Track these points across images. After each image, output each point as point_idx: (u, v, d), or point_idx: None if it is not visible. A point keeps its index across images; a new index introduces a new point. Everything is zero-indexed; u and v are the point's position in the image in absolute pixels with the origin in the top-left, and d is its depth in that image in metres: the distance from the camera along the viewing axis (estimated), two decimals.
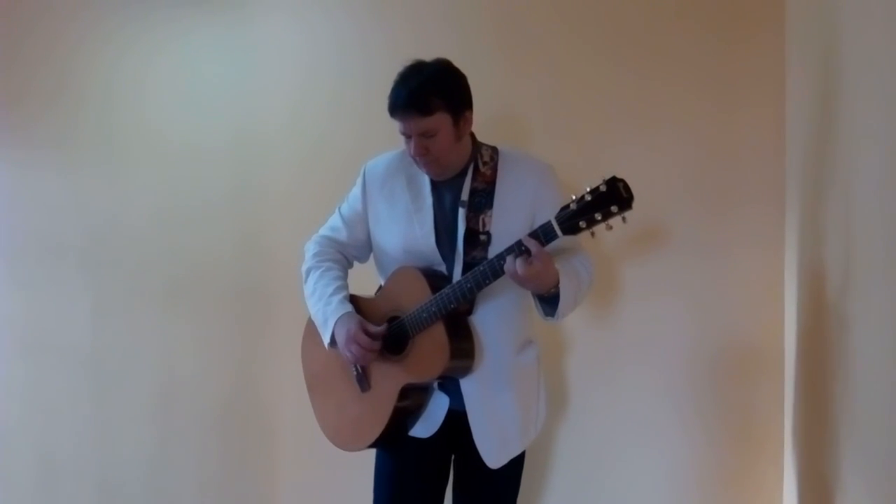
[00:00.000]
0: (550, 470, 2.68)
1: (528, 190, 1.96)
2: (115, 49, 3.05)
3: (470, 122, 2.03)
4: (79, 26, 3.08)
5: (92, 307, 3.05)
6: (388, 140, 2.29)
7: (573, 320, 2.64)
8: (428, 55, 2.15)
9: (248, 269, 2.94)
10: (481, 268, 1.88)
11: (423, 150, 1.95)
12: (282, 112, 2.92)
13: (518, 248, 1.81)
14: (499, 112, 2.24)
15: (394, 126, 2.70)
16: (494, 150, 2.09)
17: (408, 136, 1.97)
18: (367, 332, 1.99)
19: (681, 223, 2.59)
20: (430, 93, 1.93)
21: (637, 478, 2.61)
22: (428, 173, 2.04)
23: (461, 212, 2.01)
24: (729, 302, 2.55)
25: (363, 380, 2.06)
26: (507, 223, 1.93)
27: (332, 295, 2.07)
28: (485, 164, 2.05)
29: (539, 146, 2.48)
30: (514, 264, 1.80)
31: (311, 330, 2.17)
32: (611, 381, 2.63)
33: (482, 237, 1.99)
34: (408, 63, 2.01)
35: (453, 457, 2.15)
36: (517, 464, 2.13)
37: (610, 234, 2.55)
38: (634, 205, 1.75)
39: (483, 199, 2.01)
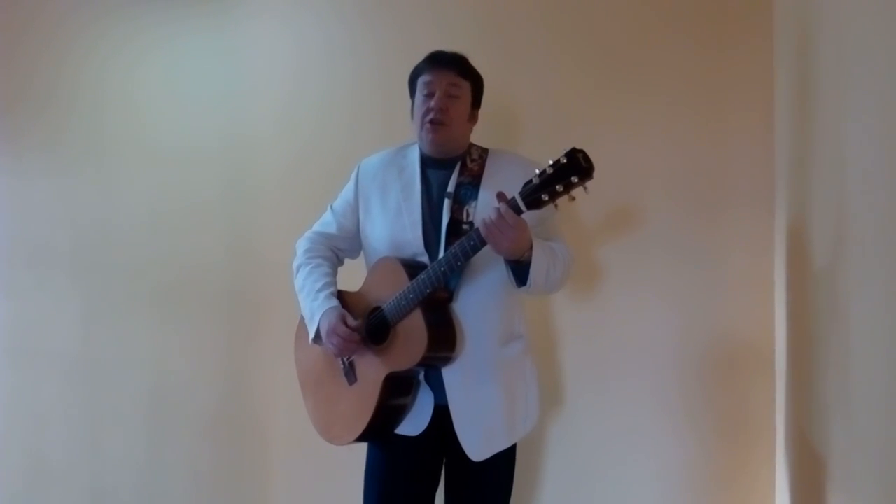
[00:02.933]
0: (543, 470, 2.67)
1: (514, 183, 1.98)
2: (104, 54, 3.06)
3: (476, 119, 2.18)
4: (67, 31, 3.10)
5: (82, 312, 3.05)
6: (377, 142, 2.31)
7: (565, 321, 2.65)
8: (416, 59, 2.21)
9: (238, 272, 2.94)
10: (452, 249, 1.91)
11: (445, 106, 2.06)
12: (271, 115, 2.93)
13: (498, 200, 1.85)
14: (486, 119, 2.27)
15: (382, 128, 2.73)
16: (484, 150, 2.17)
17: (431, 94, 2.08)
18: (346, 325, 2.02)
19: (672, 227, 2.60)
20: (469, 67, 2.14)
21: (630, 479, 2.60)
22: (432, 140, 2.09)
23: (446, 202, 2.07)
24: (721, 304, 2.56)
25: (350, 373, 2.08)
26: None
27: (318, 291, 2.11)
28: (473, 160, 2.13)
29: (526, 152, 2.48)
30: (489, 216, 1.82)
31: (303, 328, 2.20)
32: (603, 382, 2.63)
33: (465, 227, 2.03)
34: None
35: (444, 460, 2.14)
36: (509, 463, 2.13)
37: (601, 236, 2.58)
38: (627, 207, 1.76)
39: (468, 191, 2.08)
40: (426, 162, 2.14)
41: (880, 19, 1.41)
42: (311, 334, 2.10)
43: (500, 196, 1.84)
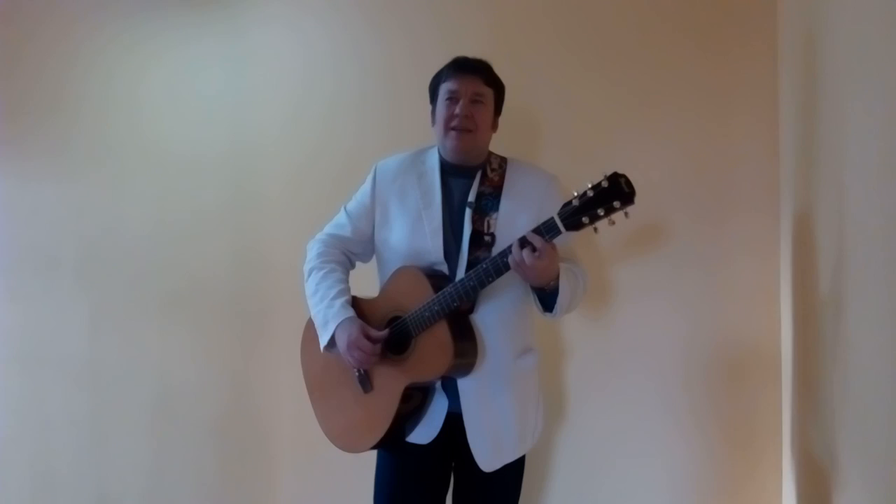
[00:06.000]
0: (550, 477, 2.68)
1: (534, 197, 1.98)
2: (110, 61, 3.07)
3: (496, 127, 2.16)
4: (74, 38, 3.10)
5: (88, 318, 3.05)
6: (383, 148, 2.31)
7: (572, 327, 2.65)
8: (422, 65, 2.21)
9: (244, 279, 2.94)
10: (484, 265, 1.90)
11: (470, 113, 2.05)
12: (277, 122, 2.94)
13: (521, 244, 1.83)
14: None
15: (388, 135, 2.74)
16: (504, 159, 2.15)
17: (456, 100, 2.05)
18: (368, 337, 1.99)
19: (677, 231, 2.60)
20: (493, 74, 2.13)
21: (636, 486, 2.61)
22: (456, 147, 2.07)
23: (468, 212, 2.05)
24: (726, 308, 2.56)
25: (366, 381, 2.06)
26: (512, 227, 1.96)
27: (334, 298, 2.07)
28: (493, 170, 2.11)
29: (532, 156, 2.49)
30: (520, 254, 1.82)
31: (310, 333, 2.17)
32: (609, 388, 2.63)
33: (486, 238, 2.02)
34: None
35: (454, 465, 2.14)
36: (517, 471, 2.13)
37: (607, 242, 2.59)
38: (634, 208, 1.76)
39: (489, 202, 2.06)
40: (446, 169, 2.12)
41: (884, 23, 1.41)
42: (324, 341, 2.06)
43: (531, 237, 1.82)
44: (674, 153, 2.60)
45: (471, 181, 2.09)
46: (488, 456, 2.04)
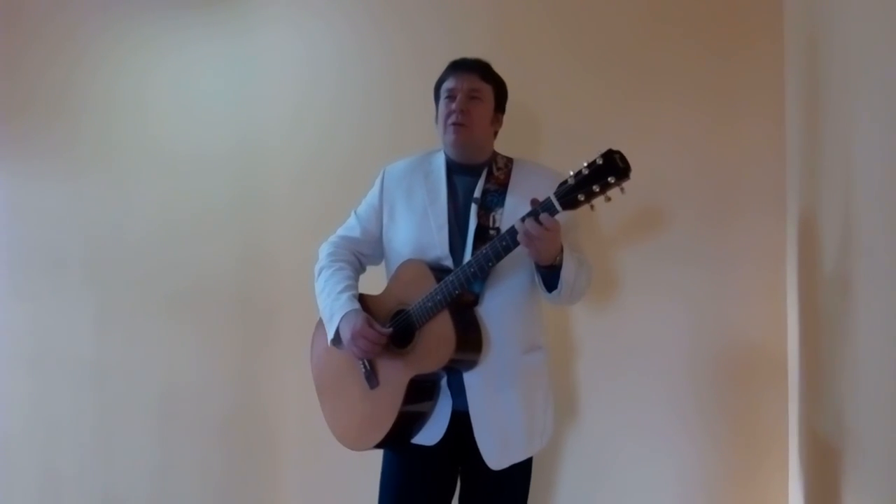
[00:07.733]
0: (558, 476, 2.67)
1: (540, 193, 1.98)
2: (116, 60, 3.08)
3: (500, 124, 2.19)
4: (80, 38, 3.11)
5: (95, 318, 3.05)
6: (388, 149, 2.32)
7: (581, 326, 2.65)
8: (426, 65, 2.23)
9: (250, 278, 2.95)
10: (484, 250, 1.91)
11: (466, 108, 2.08)
12: (282, 122, 2.95)
13: (532, 215, 1.84)
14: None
15: (393, 135, 2.74)
16: (510, 159, 2.18)
17: (453, 98, 2.09)
18: (373, 328, 2.01)
19: (684, 233, 2.60)
20: (491, 72, 2.16)
21: (644, 484, 2.60)
22: (454, 141, 2.10)
23: (473, 207, 2.08)
24: (733, 309, 2.56)
25: (371, 376, 2.07)
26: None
27: (340, 292, 2.10)
28: (499, 169, 2.14)
29: (536, 157, 2.49)
30: (523, 225, 1.83)
31: (319, 332, 2.19)
32: (618, 388, 2.63)
33: (491, 232, 2.04)
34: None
35: (460, 468, 2.14)
36: (525, 472, 2.13)
37: (615, 244, 2.59)
38: (639, 213, 1.77)
39: (495, 197, 2.09)
40: (452, 168, 2.15)
41: (890, 24, 1.41)
42: (330, 335, 2.08)
43: (535, 201, 1.84)
44: (680, 154, 2.60)
45: (476, 179, 2.12)
46: (496, 453, 2.03)
